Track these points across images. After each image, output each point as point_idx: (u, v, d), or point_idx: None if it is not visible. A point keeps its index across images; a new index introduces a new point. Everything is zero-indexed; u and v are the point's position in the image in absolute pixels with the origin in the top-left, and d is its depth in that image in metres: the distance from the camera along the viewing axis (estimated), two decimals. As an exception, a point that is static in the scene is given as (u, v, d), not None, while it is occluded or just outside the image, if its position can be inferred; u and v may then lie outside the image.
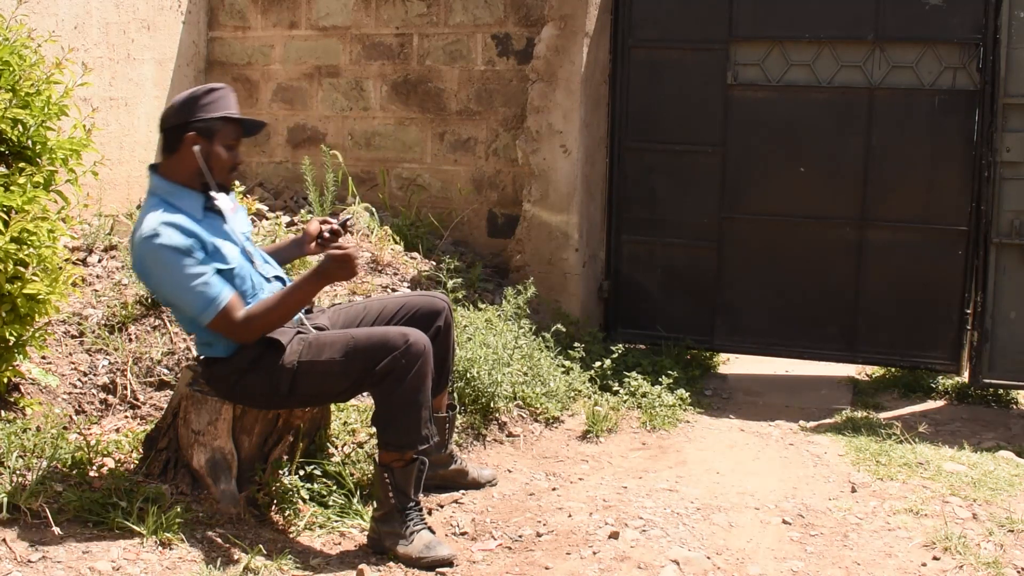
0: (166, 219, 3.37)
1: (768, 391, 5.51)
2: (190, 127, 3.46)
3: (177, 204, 3.44)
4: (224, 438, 3.60)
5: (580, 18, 5.53)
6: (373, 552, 3.50)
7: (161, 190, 3.48)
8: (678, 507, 3.86)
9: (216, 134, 3.48)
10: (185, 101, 3.49)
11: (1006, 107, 5.03)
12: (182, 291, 3.37)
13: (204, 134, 3.47)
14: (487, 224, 6.22)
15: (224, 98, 3.52)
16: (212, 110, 3.48)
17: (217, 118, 3.48)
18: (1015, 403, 5.28)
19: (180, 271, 3.34)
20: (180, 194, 3.47)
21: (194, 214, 3.46)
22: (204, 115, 3.47)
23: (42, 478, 3.44)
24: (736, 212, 5.58)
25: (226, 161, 3.52)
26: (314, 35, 6.47)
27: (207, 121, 3.47)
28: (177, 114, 3.49)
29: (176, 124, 3.48)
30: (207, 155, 3.47)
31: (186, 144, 3.46)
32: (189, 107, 3.48)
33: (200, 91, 3.51)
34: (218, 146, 3.49)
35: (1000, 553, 3.50)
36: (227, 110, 3.51)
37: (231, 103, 3.54)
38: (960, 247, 5.25)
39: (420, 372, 3.41)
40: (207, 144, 3.47)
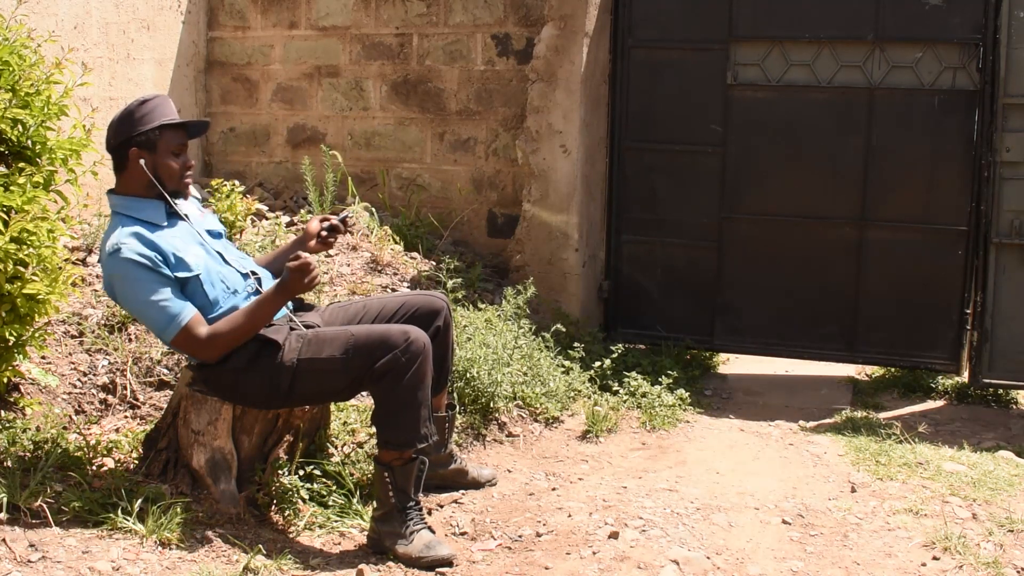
0: (126, 232, 3.41)
1: (768, 391, 5.51)
2: (131, 143, 3.49)
3: (138, 216, 3.48)
4: (224, 438, 3.60)
5: (580, 18, 5.53)
6: (373, 552, 3.50)
7: (120, 207, 3.52)
8: (678, 507, 3.86)
9: (158, 144, 3.50)
10: (121, 118, 3.52)
11: (1006, 107, 5.03)
12: (144, 306, 3.40)
13: (146, 147, 3.49)
14: (487, 224, 6.22)
15: (159, 107, 3.54)
16: (148, 121, 3.49)
17: (155, 128, 3.50)
18: (1015, 403, 5.28)
19: (142, 286, 3.38)
20: (139, 205, 3.50)
21: (157, 222, 3.49)
22: (142, 128, 3.49)
23: (42, 478, 3.44)
24: (736, 212, 5.58)
25: (175, 169, 3.54)
26: (314, 35, 6.47)
27: (146, 133, 3.49)
28: (116, 132, 3.52)
29: (118, 143, 3.51)
30: (154, 167, 3.50)
31: (132, 160, 3.49)
32: (126, 123, 3.50)
33: (134, 105, 3.52)
34: (163, 155, 3.51)
35: (1000, 553, 3.50)
36: (163, 118, 3.52)
37: (167, 110, 3.55)
38: (960, 247, 5.25)
39: (420, 370, 3.41)
40: (151, 156, 3.50)
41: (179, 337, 3.40)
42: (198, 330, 3.40)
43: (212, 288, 3.49)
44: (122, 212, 3.51)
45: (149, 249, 3.40)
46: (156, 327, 3.42)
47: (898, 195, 5.34)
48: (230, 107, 6.70)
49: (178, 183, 3.56)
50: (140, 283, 3.38)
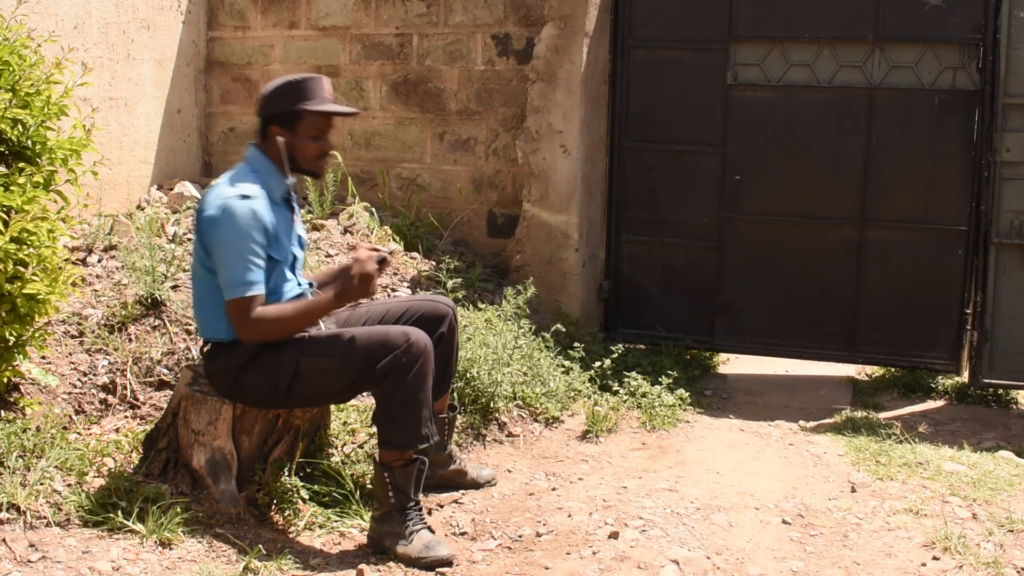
0: (259, 190, 3.47)
1: (768, 391, 5.51)
2: (274, 120, 3.57)
3: (265, 179, 3.54)
4: (224, 438, 3.60)
5: (580, 18, 5.53)
6: (373, 552, 3.50)
7: (256, 161, 3.58)
8: (678, 507, 3.86)
9: (298, 126, 3.56)
10: (271, 92, 3.59)
11: (1006, 107, 5.03)
12: (233, 256, 3.40)
13: (287, 126, 3.56)
14: (487, 224, 6.22)
15: (311, 88, 3.58)
16: (295, 102, 3.55)
17: (299, 110, 3.55)
18: (1015, 403, 5.28)
19: (246, 241, 3.40)
20: (270, 171, 3.57)
21: (275, 197, 3.56)
22: (286, 108, 3.55)
23: (42, 478, 3.44)
24: (736, 212, 5.58)
25: (311, 150, 3.59)
26: (314, 35, 6.47)
27: (290, 113, 3.55)
28: (263, 106, 3.60)
29: (264, 115, 3.59)
30: (291, 146, 3.56)
31: (271, 135, 3.57)
32: (273, 99, 3.58)
33: (286, 82, 3.59)
34: (302, 137, 3.57)
35: (1000, 553, 3.50)
36: (311, 101, 3.56)
37: (319, 92, 3.60)
38: (960, 247, 5.25)
39: (421, 371, 3.41)
40: (291, 135, 3.56)
41: (237, 302, 3.40)
42: (254, 308, 3.40)
43: (276, 283, 3.53)
44: (256, 166, 3.57)
45: (269, 217, 3.46)
46: (229, 280, 3.41)
47: (898, 195, 5.34)
48: (230, 107, 6.70)
49: (313, 164, 3.64)
50: (246, 237, 3.40)
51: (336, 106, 3.65)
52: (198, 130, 6.63)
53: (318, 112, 3.57)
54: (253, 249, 3.41)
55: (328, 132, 3.64)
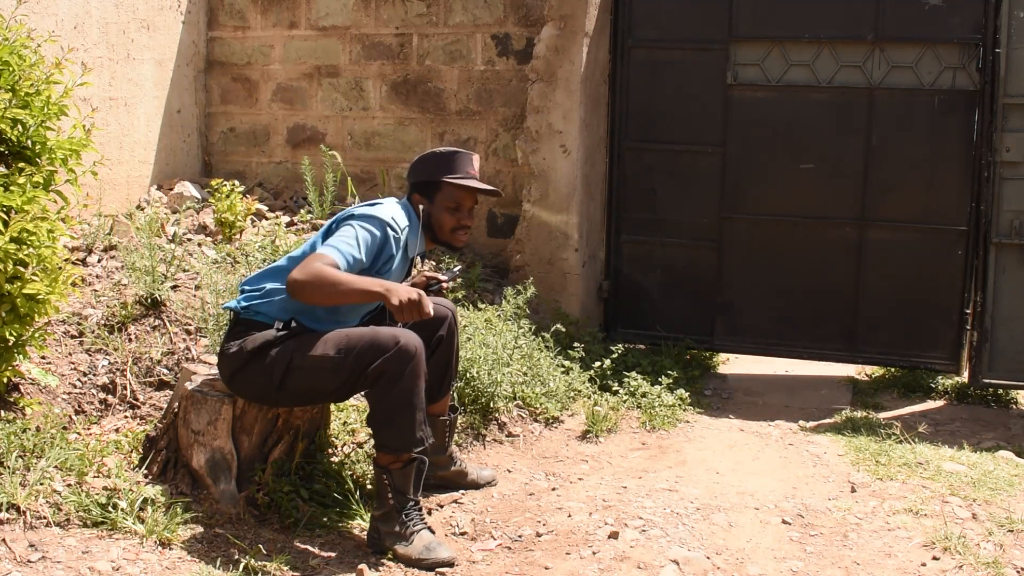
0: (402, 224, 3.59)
1: (768, 391, 5.51)
2: (416, 187, 3.72)
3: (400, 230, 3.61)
4: (224, 438, 3.60)
5: (580, 18, 5.53)
6: (373, 552, 3.49)
7: (410, 209, 3.71)
8: (678, 507, 3.86)
9: (436, 197, 3.69)
10: (418, 160, 3.76)
11: (1006, 107, 5.04)
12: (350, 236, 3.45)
13: (426, 194, 3.69)
14: (487, 224, 6.22)
15: (455, 162, 3.70)
16: (437, 173, 3.68)
17: (437, 181, 3.68)
18: (1015, 403, 5.29)
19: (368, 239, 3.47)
20: (412, 226, 3.68)
21: (411, 247, 3.67)
22: (427, 178, 3.69)
23: (42, 478, 3.44)
24: (736, 212, 5.58)
25: (447, 222, 3.70)
26: (314, 35, 6.47)
27: (430, 183, 3.68)
28: (410, 172, 3.78)
29: (409, 182, 3.76)
30: (428, 215, 3.68)
31: (414, 202, 3.72)
32: (419, 166, 3.73)
33: (434, 153, 3.74)
34: (439, 207, 3.69)
35: (1000, 553, 3.50)
36: (453, 174, 3.67)
37: (463, 166, 3.70)
38: (960, 247, 5.26)
39: (413, 374, 3.39)
40: (428, 204, 3.69)
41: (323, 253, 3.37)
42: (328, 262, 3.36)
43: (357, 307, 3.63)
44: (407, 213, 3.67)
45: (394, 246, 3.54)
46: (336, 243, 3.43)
47: (898, 195, 5.34)
48: (230, 107, 6.70)
49: (449, 236, 3.74)
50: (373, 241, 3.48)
51: (474, 182, 3.73)
52: (198, 130, 6.63)
53: (456, 185, 3.67)
54: (368, 246, 3.47)
55: (469, 208, 3.74)
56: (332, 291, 3.37)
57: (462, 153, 3.73)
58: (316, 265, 3.35)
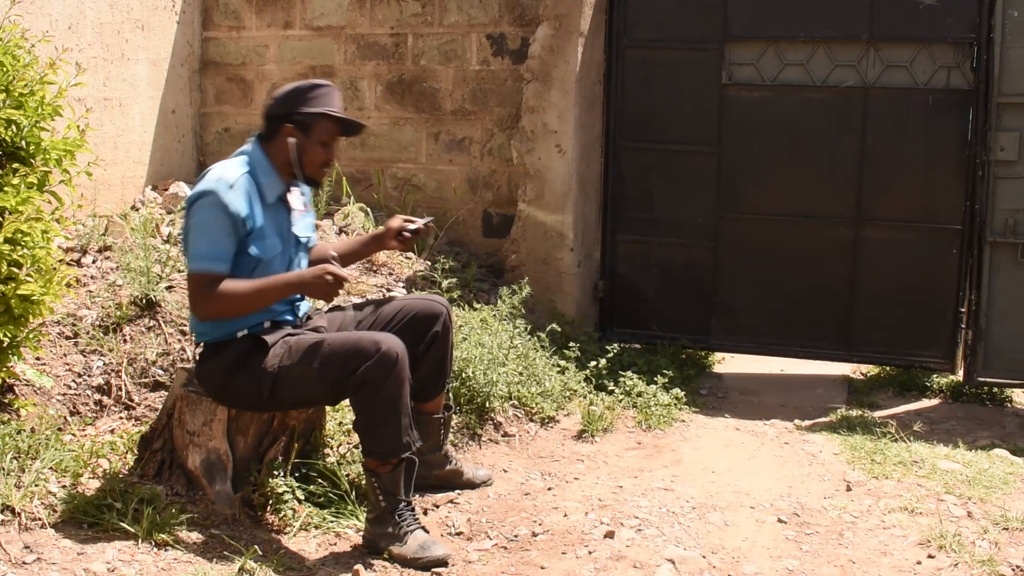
0: (241, 183, 3.46)
1: (763, 390, 5.51)
2: (289, 119, 3.56)
3: (259, 179, 3.54)
4: (219, 439, 3.60)
5: (575, 18, 5.53)
6: (368, 553, 3.49)
7: (255, 158, 3.58)
8: (674, 506, 3.86)
9: (313, 129, 3.57)
10: (288, 93, 3.60)
11: (1000, 106, 5.04)
12: (200, 234, 3.42)
13: (301, 128, 3.56)
14: (482, 224, 6.22)
15: (327, 95, 3.60)
16: (313, 105, 3.56)
17: (316, 113, 3.56)
18: (1009, 401, 5.29)
19: (215, 224, 3.40)
20: (267, 172, 3.57)
21: (266, 195, 3.55)
22: (304, 109, 3.56)
23: (36, 479, 3.44)
24: (731, 211, 5.58)
25: (319, 157, 3.60)
26: (309, 35, 6.46)
27: (306, 115, 3.56)
28: (279, 105, 3.59)
29: (276, 114, 3.58)
30: (301, 149, 3.56)
31: (283, 135, 3.57)
32: (291, 99, 3.58)
33: (305, 85, 3.61)
34: (313, 141, 3.57)
35: (995, 551, 3.51)
36: (328, 107, 3.58)
37: (333, 101, 3.62)
38: (955, 246, 5.26)
39: (396, 379, 3.39)
40: (303, 138, 3.56)
41: (197, 275, 3.41)
42: (213, 284, 3.39)
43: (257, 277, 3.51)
44: (253, 162, 3.56)
45: (245, 208, 3.44)
46: (192, 252, 3.44)
47: (893, 194, 5.34)
48: (225, 107, 6.69)
49: (316, 171, 3.63)
50: (214, 219, 3.41)
51: (354, 118, 3.68)
52: (193, 130, 6.63)
53: (334, 119, 3.60)
54: (221, 232, 3.41)
55: (336, 143, 3.66)
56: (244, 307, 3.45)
57: (333, 86, 3.65)
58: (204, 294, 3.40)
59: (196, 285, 3.43)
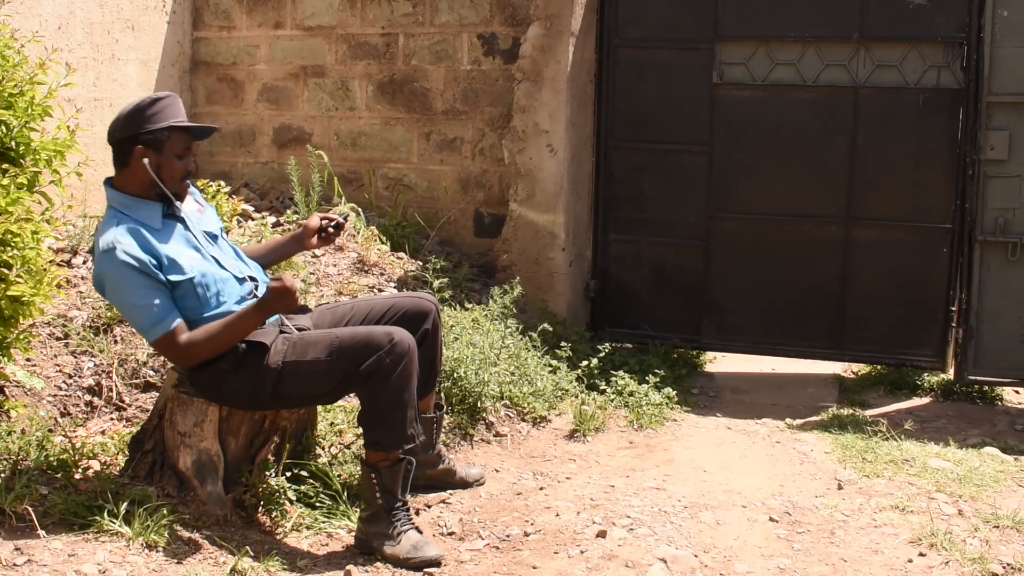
0: (124, 233, 3.38)
1: (755, 389, 5.52)
2: (138, 140, 3.45)
3: (134, 216, 3.45)
4: (210, 439, 3.59)
5: (566, 17, 5.53)
6: (360, 553, 3.49)
7: (117, 203, 3.50)
8: (665, 505, 3.86)
9: (165, 144, 3.47)
10: (131, 113, 3.48)
11: (990, 105, 5.05)
12: (132, 307, 3.39)
13: (152, 146, 3.46)
14: (474, 224, 6.22)
15: (170, 106, 3.51)
16: (158, 120, 3.46)
17: (164, 128, 3.46)
18: (1000, 399, 5.31)
19: (132, 288, 3.36)
20: (136, 205, 3.48)
21: (152, 224, 3.46)
22: (151, 126, 3.45)
23: (27, 481, 3.43)
24: (723, 211, 5.59)
25: (178, 170, 3.51)
26: (299, 35, 6.46)
27: (154, 132, 3.45)
28: (124, 127, 3.48)
29: (124, 137, 3.47)
30: (157, 167, 3.46)
31: (136, 157, 3.46)
32: (135, 119, 3.46)
33: (145, 102, 3.49)
34: (168, 156, 3.48)
35: (986, 549, 3.52)
36: (174, 119, 3.49)
37: (178, 111, 3.53)
38: (945, 245, 5.27)
39: (405, 371, 3.40)
40: (156, 156, 3.47)
41: (160, 340, 3.39)
42: (179, 338, 3.39)
43: (204, 291, 3.46)
44: (119, 209, 3.48)
45: (144, 252, 3.37)
46: (141, 327, 3.42)
47: (884, 193, 5.36)
48: (215, 107, 6.68)
49: (179, 185, 3.53)
50: (130, 285, 3.36)
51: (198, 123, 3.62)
52: (183, 131, 6.60)
53: (183, 129, 3.51)
54: (144, 291, 3.36)
55: (190, 152, 3.57)
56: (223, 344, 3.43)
57: (171, 95, 3.54)
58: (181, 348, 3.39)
59: (164, 349, 3.43)
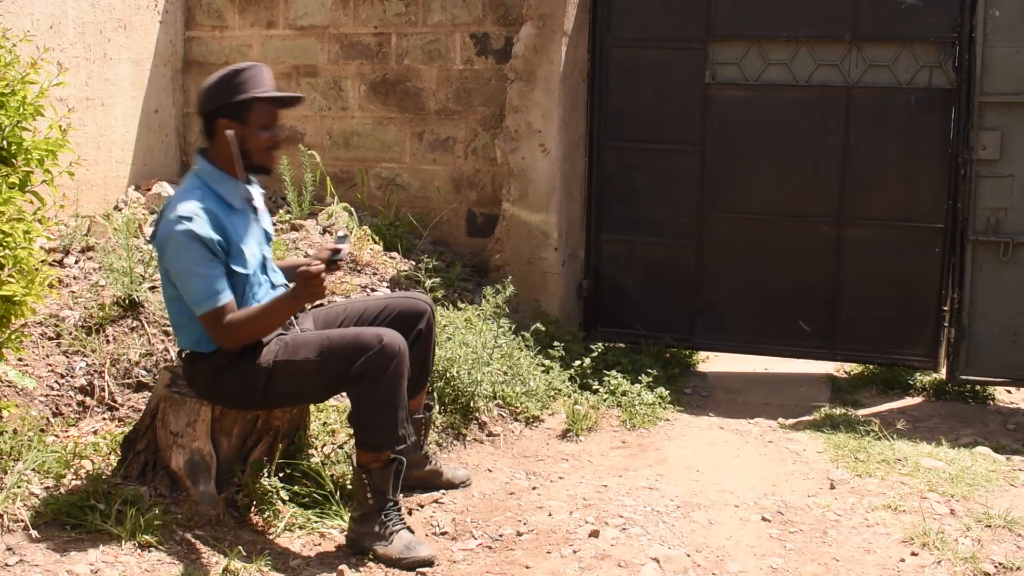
0: (199, 211, 3.36)
1: (747, 389, 5.53)
2: (221, 112, 3.45)
3: (217, 189, 3.46)
4: (203, 439, 3.58)
5: (558, 17, 5.53)
6: (353, 553, 3.49)
7: (205, 173, 3.50)
8: (658, 505, 3.86)
9: (249, 115, 3.45)
10: (214, 84, 3.47)
11: (982, 105, 5.06)
12: (191, 276, 3.35)
13: (236, 117, 3.45)
14: (466, 223, 6.21)
15: (255, 76, 3.47)
16: (242, 91, 3.44)
17: (248, 99, 3.44)
18: (992, 399, 5.32)
19: (196, 258, 3.34)
20: (221, 179, 3.48)
21: (232, 202, 3.48)
22: (234, 97, 3.43)
23: (19, 481, 3.42)
24: (715, 211, 5.60)
25: (263, 141, 3.48)
26: (292, 35, 6.45)
27: (237, 104, 3.44)
28: (208, 99, 3.47)
29: (209, 110, 3.47)
30: (242, 138, 3.45)
31: (219, 129, 3.46)
32: (219, 90, 3.45)
33: (229, 72, 3.47)
34: (253, 128, 3.46)
35: (977, 548, 3.53)
36: (257, 89, 3.46)
37: (263, 80, 3.49)
38: (937, 244, 5.29)
39: (396, 372, 3.39)
40: (240, 127, 3.45)
41: (208, 314, 3.36)
42: (226, 316, 3.36)
43: (249, 289, 3.48)
44: (205, 180, 3.48)
45: (216, 232, 3.37)
46: (193, 297, 3.37)
47: (876, 193, 5.37)
48: (208, 107, 6.66)
49: (264, 156, 3.52)
50: (194, 254, 3.34)
51: (286, 92, 3.56)
52: (176, 130, 6.60)
53: (268, 99, 3.48)
54: (205, 264, 3.35)
55: (277, 122, 3.54)
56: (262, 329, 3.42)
57: (258, 66, 3.52)
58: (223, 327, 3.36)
59: (210, 325, 3.39)
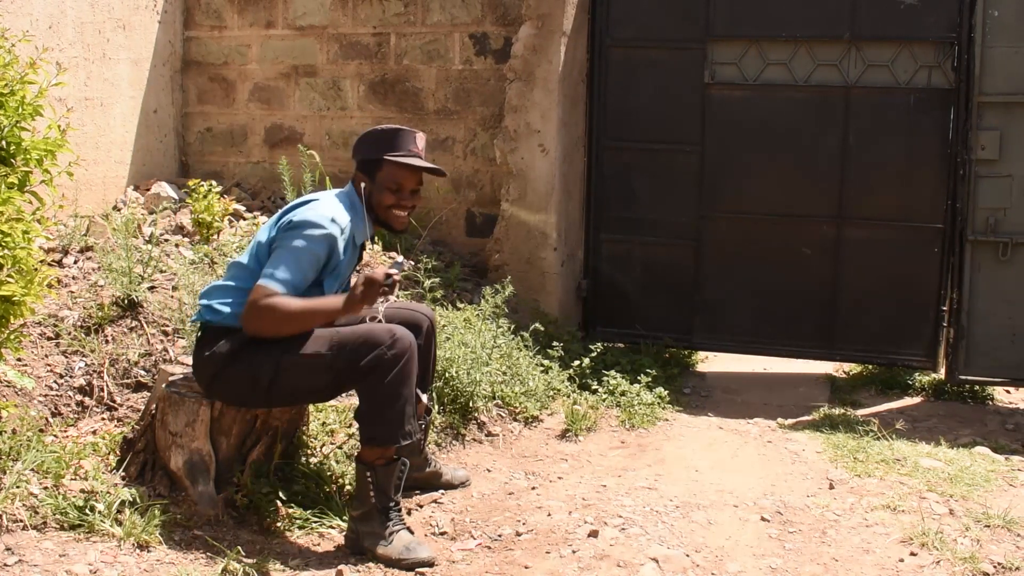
0: (344, 222, 3.48)
1: (746, 389, 5.53)
2: (360, 165, 3.62)
3: (355, 218, 3.56)
4: (202, 440, 3.58)
5: (557, 17, 5.54)
6: (352, 552, 3.49)
7: (352, 199, 3.61)
8: (657, 505, 3.87)
9: (378, 174, 3.58)
10: (362, 137, 3.66)
11: (981, 105, 5.07)
12: (292, 260, 3.40)
13: (368, 172, 3.60)
14: (465, 224, 6.21)
15: (396, 139, 3.59)
16: (379, 150, 3.58)
17: (379, 159, 3.57)
18: (991, 399, 5.32)
19: (310, 257, 3.42)
20: (359, 214, 3.59)
21: (358, 237, 3.59)
22: (369, 155, 3.59)
23: (18, 481, 3.42)
24: (714, 210, 5.60)
25: (386, 201, 3.59)
26: (291, 35, 6.45)
27: (372, 161, 3.58)
28: (354, 149, 3.66)
29: (354, 159, 3.65)
30: (368, 193, 3.59)
31: (356, 179, 3.61)
32: (361, 144, 3.64)
33: (378, 129, 3.64)
34: (380, 186, 3.58)
35: (976, 548, 3.53)
36: (393, 152, 3.57)
37: (404, 144, 3.59)
38: (936, 245, 5.29)
39: (405, 368, 3.40)
40: (370, 183, 3.59)
41: (260, 286, 3.37)
42: (269, 297, 3.35)
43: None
44: (352, 203, 3.59)
45: (342, 253, 3.49)
46: (274, 268, 3.39)
47: (875, 193, 5.37)
48: (207, 107, 6.67)
49: (387, 215, 3.62)
50: (313, 254, 3.42)
51: (417, 160, 3.62)
52: (175, 130, 6.60)
53: (396, 163, 3.58)
54: (312, 263, 3.43)
55: (411, 188, 3.62)
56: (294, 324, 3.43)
57: (405, 130, 3.63)
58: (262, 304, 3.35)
59: (258, 294, 3.38)
